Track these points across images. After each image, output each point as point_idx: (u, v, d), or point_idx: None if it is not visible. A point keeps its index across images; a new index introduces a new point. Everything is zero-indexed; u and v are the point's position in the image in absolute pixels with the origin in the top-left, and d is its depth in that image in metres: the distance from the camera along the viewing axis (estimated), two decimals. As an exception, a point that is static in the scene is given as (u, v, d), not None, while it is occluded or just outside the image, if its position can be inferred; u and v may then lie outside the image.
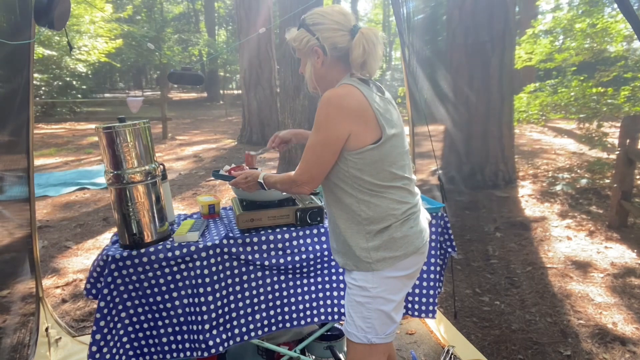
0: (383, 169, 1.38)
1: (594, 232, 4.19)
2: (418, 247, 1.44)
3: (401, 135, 1.44)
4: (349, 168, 1.38)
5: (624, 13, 1.48)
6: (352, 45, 1.36)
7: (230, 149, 9.67)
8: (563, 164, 7.06)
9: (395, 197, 1.41)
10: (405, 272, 1.44)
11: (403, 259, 1.41)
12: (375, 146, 1.35)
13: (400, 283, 1.45)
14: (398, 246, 1.40)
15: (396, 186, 1.41)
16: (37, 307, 2.41)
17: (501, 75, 5.88)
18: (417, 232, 1.45)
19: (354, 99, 1.34)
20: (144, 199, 1.66)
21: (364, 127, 1.34)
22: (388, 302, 1.43)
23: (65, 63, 14.12)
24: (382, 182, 1.39)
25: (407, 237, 1.41)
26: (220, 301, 1.71)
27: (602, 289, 3.15)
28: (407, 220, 1.42)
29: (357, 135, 1.34)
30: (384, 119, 1.37)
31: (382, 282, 1.42)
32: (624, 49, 7.36)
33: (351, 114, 1.33)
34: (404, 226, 1.41)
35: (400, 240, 1.41)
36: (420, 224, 1.48)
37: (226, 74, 26.02)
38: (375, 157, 1.36)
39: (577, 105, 6.38)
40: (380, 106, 1.38)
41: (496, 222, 4.59)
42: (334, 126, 1.33)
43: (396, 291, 1.45)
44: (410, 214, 1.44)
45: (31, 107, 2.28)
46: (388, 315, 1.44)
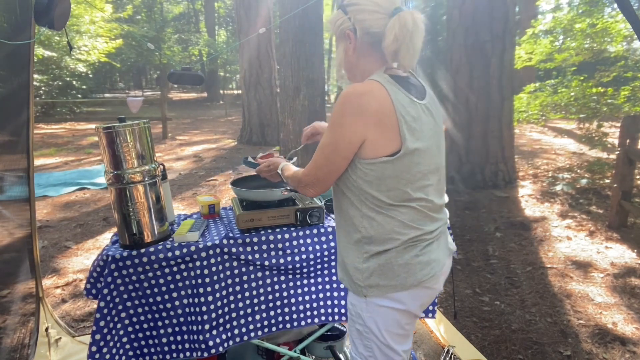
0: (395, 187, 1.19)
1: (594, 232, 4.19)
2: (420, 280, 1.23)
3: (430, 150, 1.23)
4: (357, 177, 1.21)
5: (624, 13, 1.48)
6: (385, 30, 1.17)
7: (230, 149, 9.67)
8: (563, 164, 7.06)
9: (403, 219, 1.21)
10: (401, 306, 1.24)
11: (399, 290, 1.22)
12: (390, 159, 1.16)
13: (397, 315, 1.25)
14: (395, 274, 1.22)
15: (409, 206, 1.21)
16: (37, 307, 2.41)
17: (501, 75, 5.88)
18: (423, 262, 1.23)
19: (376, 99, 1.15)
20: (144, 199, 1.66)
21: (382, 134, 1.16)
22: (385, 333, 1.26)
23: (65, 63, 14.12)
24: (391, 201, 1.20)
25: (409, 265, 1.22)
26: (220, 301, 1.71)
27: (602, 289, 3.15)
28: (412, 247, 1.23)
29: (372, 143, 1.16)
30: (409, 129, 1.17)
31: (375, 311, 1.25)
32: (624, 49, 7.36)
33: (369, 117, 1.15)
34: (407, 253, 1.22)
35: (399, 269, 1.22)
36: (432, 254, 1.26)
37: (226, 74, 26.01)
38: (388, 172, 1.18)
39: (577, 105, 6.38)
40: (408, 112, 1.18)
41: (496, 222, 4.59)
42: (348, 128, 1.16)
43: (394, 324, 1.26)
44: (419, 240, 1.23)
45: (31, 107, 2.28)
46: (389, 347, 1.28)
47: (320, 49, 6.07)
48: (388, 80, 1.20)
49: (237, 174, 6.92)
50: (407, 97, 1.20)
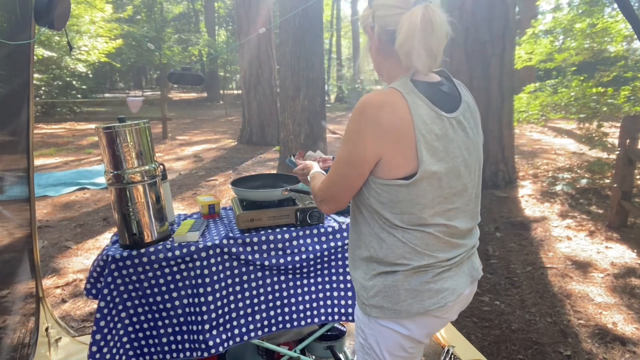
0: (409, 211, 1.07)
1: (594, 232, 4.19)
2: (427, 309, 1.11)
3: (456, 171, 1.09)
4: (369, 196, 1.11)
5: (624, 13, 1.48)
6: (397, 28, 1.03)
7: (230, 149, 9.67)
8: (563, 164, 7.06)
9: (416, 244, 1.10)
10: (405, 331, 1.15)
11: (405, 318, 1.12)
12: (405, 182, 1.04)
13: (399, 339, 1.16)
14: (401, 299, 1.11)
15: (423, 232, 1.09)
16: (37, 307, 2.41)
17: (501, 75, 5.88)
18: (433, 290, 1.12)
19: (395, 113, 1.02)
20: (144, 199, 1.66)
21: (398, 153, 1.03)
22: (386, 353, 1.18)
23: (65, 63, 14.13)
24: (403, 225, 1.09)
25: (416, 292, 1.11)
26: (220, 301, 1.71)
27: (602, 289, 3.15)
28: (423, 272, 1.11)
29: (388, 162, 1.04)
30: (429, 149, 1.03)
31: (379, 330, 1.17)
32: (624, 49, 7.36)
33: (386, 134, 1.02)
34: (415, 278, 1.11)
35: (405, 293, 1.11)
36: (445, 282, 1.13)
37: (226, 74, 26.02)
38: (402, 195, 1.06)
39: (577, 105, 6.38)
40: (430, 130, 1.03)
41: (496, 222, 4.59)
42: (363, 144, 1.04)
43: (396, 347, 1.17)
44: (432, 267, 1.12)
45: (31, 107, 2.28)
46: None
47: (320, 49, 6.07)
48: (411, 90, 1.05)
49: (238, 174, 6.92)
50: (432, 110, 1.05)
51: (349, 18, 31.32)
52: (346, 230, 1.86)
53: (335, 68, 27.66)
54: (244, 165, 7.80)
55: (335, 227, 1.86)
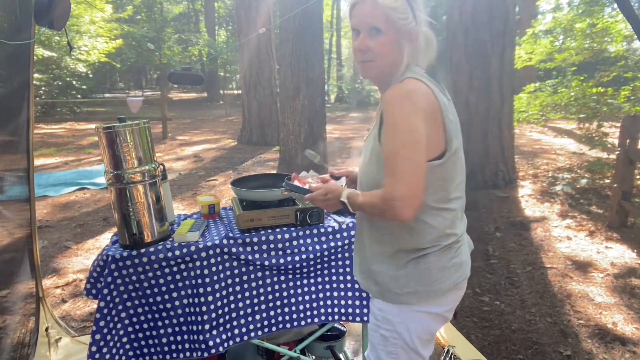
0: (442, 187, 1.17)
1: (594, 232, 4.19)
2: (456, 282, 1.23)
3: (461, 148, 1.23)
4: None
5: (624, 13, 1.48)
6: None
7: (230, 149, 9.67)
8: (563, 164, 7.07)
9: (442, 222, 1.19)
10: (440, 309, 1.24)
11: (439, 295, 1.21)
12: (439, 162, 1.14)
13: (432, 320, 1.25)
14: (434, 279, 1.20)
15: (449, 209, 1.20)
16: (37, 307, 2.41)
17: (501, 75, 5.88)
18: (457, 264, 1.23)
19: (428, 98, 1.13)
20: (144, 199, 1.66)
21: (435, 132, 1.13)
22: (417, 340, 1.24)
23: (65, 63, 14.14)
24: (435, 204, 1.17)
25: (445, 269, 1.21)
26: (220, 301, 1.71)
27: (602, 289, 3.16)
28: (448, 249, 1.22)
29: (429, 142, 1.11)
30: (451, 128, 1.15)
31: (410, 317, 1.22)
32: (624, 49, 7.36)
33: (427, 114, 1.11)
34: (444, 256, 1.21)
35: (437, 273, 1.20)
36: (462, 255, 1.27)
37: (226, 74, 26.03)
38: (438, 175, 1.15)
39: (577, 105, 6.38)
40: (448, 111, 1.17)
41: (496, 222, 4.59)
42: (416, 123, 1.08)
43: (426, 329, 1.25)
44: (454, 242, 1.23)
45: (31, 107, 2.28)
46: (417, 353, 1.26)
47: (320, 49, 6.07)
48: (428, 79, 1.18)
49: (238, 174, 6.92)
50: (444, 96, 1.19)
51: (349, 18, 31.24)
52: (346, 230, 1.86)
53: (335, 68, 27.66)
54: (244, 165, 7.80)
55: (335, 227, 1.86)
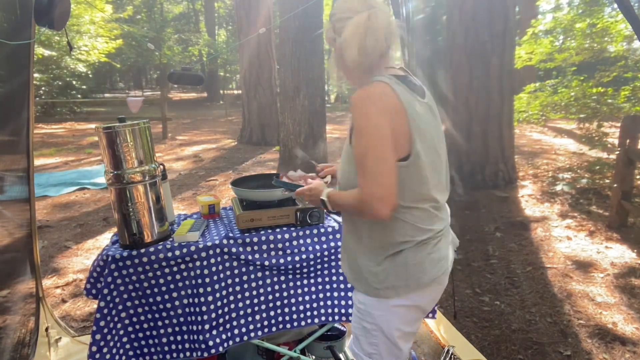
0: (411, 188, 1.19)
1: (594, 232, 4.19)
2: (434, 278, 1.26)
3: (435, 149, 1.24)
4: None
5: (624, 13, 1.48)
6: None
7: (230, 149, 9.67)
8: (563, 164, 7.06)
9: (415, 221, 1.22)
10: (418, 302, 1.28)
11: (415, 290, 1.25)
12: (404, 164, 1.16)
13: (409, 313, 1.29)
14: (411, 274, 1.24)
15: (420, 208, 1.23)
16: (37, 307, 2.41)
17: (501, 75, 5.88)
18: (435, 260, 1.26)
19: (391, 99, 1.15)
20: (144, 199, 1.66)
21: (399, 134, 1.15)
22: (396, 332, 1.29)
23: (65, 63, 14.13)
24: (405, 203, 1.20)
25: (422, 264, 1.24)
26: (220, 301, 1.71)
27: (602, 289, 3.15)
28: (425, 245, 1.24)
29: (394, 142, 1.14)
30: (417, 130, 1.17)
31: (390, 310, 1.27)
32: (624, 49, 7.36)
33: (391, 115, 1.14)
34: (419, 252, 1.24)
35: (413, 268, 1.23)
36: (441, 251, 1.28)
37: (226, 74, 26.01)
38: (404, 175, 1.17)
39: (577, 105, 6.38)
40: (416, 112, 1.18)
41: (496, 222, 4.59)
42: (379, 123, 1.12)
43: (405, 321, 1.30)
44: (430, 239, 1.25)
45: (31, 107, 2.28)
46: (395, 344, 1.31)
47: (320, 49, 6.07)
48: (395, 81, 1.19)
49: (238, 174, 6.92)
50: (412, 96, 1.21)
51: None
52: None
53: (332, 71, 27.54)
54: (244, 165, 7.80)
55: (335, 227, 1.86)
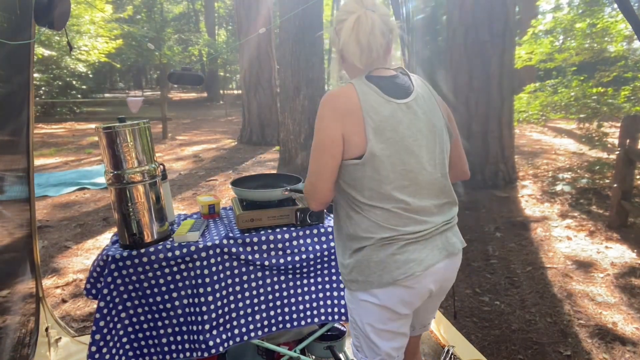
0: (369, 186, 1.22)
1: (594, 232, 4.19)
2: (396, 279, 1.23)
3: (407, 149, 1.23)
4: (340, 180, 1.27)
5: (624, 13, 1.48)
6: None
7: (230, 149, 9.67)
8: (563, 164, 7.06)
9: (377, 219, 1.23)
10: (378, 301, 1.27)
11: (377, 287, 1.25)
12: (358, 162, 1.21)
13: (378, 310, 1.29)
14: (372, 271, 1.25)
15: (383, 208, 1.23)
16: (37, 307, 2.41)
17: (501, 75, 5.88)
18: (400, 261, 1.23)
19: (347, 100, 1.22)
20: (144, 199, 1.66)
21: (352, 134, 1.20)
22: (368, 327, 1.32)
23: (65, 63, 14.12)
24: (367, 201, 1.23)
25: (384, 263, 1.24)
26: (220, 301, 1.71)
27: (602, 289, 3.15)
28: (388, 245, 1.24)
29: (348, 142, 1.21)
30: (375, 129, 1.19)
31: (358, 304, 1.32)
32: (624, 49, 7.36)
33: (342, 116, 1.21)
34: (382, 251, 1.24)
35: (375, 266, 1.24)
36: (412, 253, 1.24)
37: (226, 74, 26.00)
38: (359, 173, 1.22)
39: (577, 105, 6.38)
40: (377, 112, 1.20)
41: (496, 222, 4.59)
42: (328, 127, 1.21)
43: (376, 319, 1.30)
44: (396, 239, 1.24)
45: (31, 107, 2.28)
46: (371, 341, 1.34)
47: (320, 49, 6.08)
48: (363, 82, 1.25)
49: (238, 174, 6.92)
50: (381, 97, 1.23)
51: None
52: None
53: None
54: (244, 165, 7.80)
55: (335, 227, 1.86)
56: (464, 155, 1.48)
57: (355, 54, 1.24)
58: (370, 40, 1.22)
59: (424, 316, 1.51)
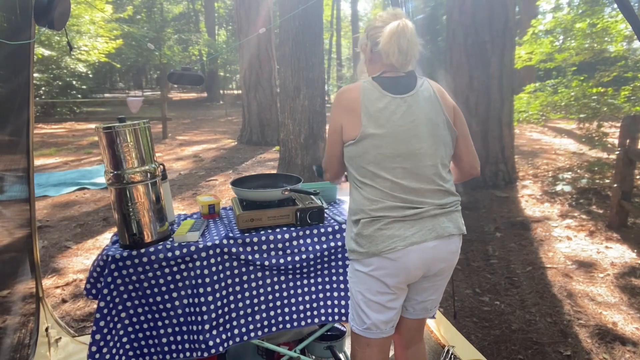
0: (361, 165, 1.44)
1: (594, 232, 4.19)
2: (381, 250, 1.40)
3: (396, 136, 1.41)
4: (345, 159, 1.52)
5: (624, 13, 1.48)
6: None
7: (230, 149, 9.67)
8: (563, 164, 7.06)
9: (369, 195, 1.43)
10: (371, 271, 1.44)
11: (366, 257, 1.44)
12: (352, 142, 1.44)
13: (369, 280, 1.46)
14: (363, 243, 1.44)
15: (372, 185, 1.43)
16: (37, 307, 2.41)
17: (501, 75, 5.88)
18: (385, 236, 1.40)
19: (350, 94, 1.47)
20: (144, 199, 1.66)
21: (350, 122, 1.44)
22: (359, 295, 1.50)
23: (65, 63, 14.12)
24: (360, 178, 1.46)
25: (372, 237, 1.42)
26: (220, 301, 1.71)
27: (602, 289, 3.16)
28: (377, 220, 1.41)
29: (346, 129, 1.46)
30: (370, 117, 1.42)
31: (354, 273, 1.51)
32: (624, 49, 7.35)
33: (344, 107, 1.47)
34: (371, 225, 1.42)
35: (366, 238, 1.43)
36: (397, 230, 1.40)
37: (226, 74, 25.98)
38: (353, 152, 1.45)
39: (577, 105, 6.37)
40: (373, 104, 1.43)
41: (496, 222, 4.59)
42: (333, 118, 1.50)
43: (366, 288, 1.48)
44: (383, 216, 1.41)
45: (31, 107, 2.28)
46: (360, 309, 1.51)
47: (320, 49, 6.07)
48: (369, 81, 1.48)
49: (238, 174, 6.92)
50: (379, 92, 1.45)
51: (349, 18, 31.26)
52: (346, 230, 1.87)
53: (335, 68, 27.62)
54: (244, 165, 7.80)
55: (335, 227, 1.86)
56: (473, 151, 1.63)
57: (394, 55, 1.43)
58: (408, 46, 1.43)
59: (421, 296, 1.58)
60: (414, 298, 1.59)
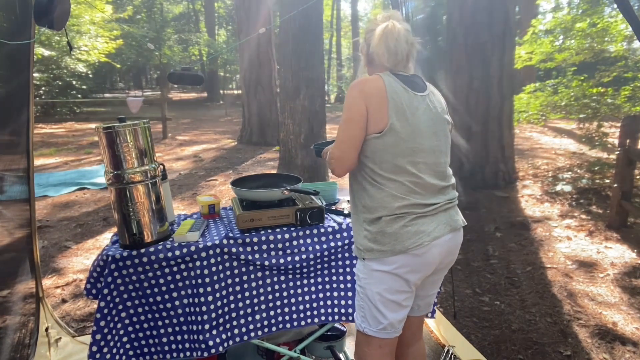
0: (385, 159, 1.41)
1: (594, 232, 4.19)
2: (408, 247, 1.40)
3: (420, 131, 1.43)
4: (360, 154, 1.45)
5: (624, 13, 1.48)
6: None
7: (230, 149, 9.67)
8: (563, 164, 7.07)
9: (392, 191, 1.41)
10: (394, 269, 1.42)
11: (390, 256, 1.41)
12: (379, 135, 1.40)
13: (390, 279, 1.44)
14: (387, 241, 1.41)
15: (397, 180, 1.41)
16: (37, 307, 2.41)
17: (501, 76, 5.88)
18: (411, 232, 1.40)
19: (374, 84, 1.43)
20: (144, 199, 1.66)
21: (376, 112, 1.40)
22: (377, 296, 1.46)
23: (65, 63, 14.11)
24: (384, 173, 1.41)
25: (397, 234, 1.40)
26: (220, 301, 1.71)
27: (602, 289, 3.16)
28: (401, 217, 1.40)
29: (371, 117, 1.40)
30: (396, 110, 1.40)
31: (370, 274, 1.47)
32: (624, 49, 7.35)
33: (368, 96, 1.41)
34: (396, 222, 1.40)
35: (389, 236, 1.41)
36: (421, 226, 1.41)
37: (226, 74, 25.99)
38: (379, 145, 1.40)
39: (577, 105, 6.37)
40: (399, 97, 1.41)
41: (496, 222, 4.59)
42: (356, 104, 1.41)
43: (385, 288, 1.45)
44: (407, 212, 1.41)
45: (31, 107, 2.28)
46: (377, 309, 1.47)
47: (320, 49, 6.07)
48: (389, 75, 1.46)
49: (238, 174, 6.92)
50: (402, 87, 1.44)
51: (349, 18, 31.26)
52: (346, 230, 1.87)
53: (335, 68, 27.65)
54: (244, 165, 7.80)
55: (335, 227, 1.86)
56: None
57: (383, 55, 1.45)
58: (396, 45, 1.44)
59: (427, 290, 1.62)
60: (420, 294, 1.61)
